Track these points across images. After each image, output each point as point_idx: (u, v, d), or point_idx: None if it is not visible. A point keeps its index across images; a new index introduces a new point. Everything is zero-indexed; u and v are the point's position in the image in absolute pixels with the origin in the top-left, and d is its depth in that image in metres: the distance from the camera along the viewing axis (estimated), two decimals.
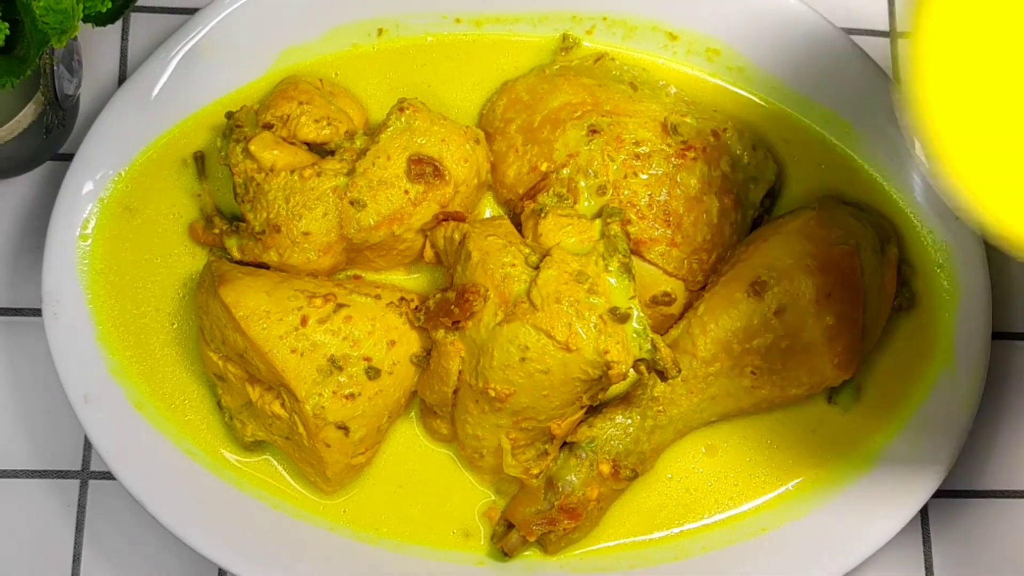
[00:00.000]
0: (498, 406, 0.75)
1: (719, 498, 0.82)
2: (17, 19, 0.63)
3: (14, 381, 0.84)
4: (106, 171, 0.82)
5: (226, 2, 0.84)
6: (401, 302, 0.79)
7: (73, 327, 0.80)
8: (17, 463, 0.83)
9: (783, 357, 0.79)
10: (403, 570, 0.79)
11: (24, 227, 0.87)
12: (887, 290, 0.82)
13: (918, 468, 0.82)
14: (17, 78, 0.65)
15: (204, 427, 0.81)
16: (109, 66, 0.90)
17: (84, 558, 0.82)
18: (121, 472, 0.77)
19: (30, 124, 0.79)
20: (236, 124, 0.81)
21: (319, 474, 0.78)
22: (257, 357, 0.75)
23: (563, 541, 0.79)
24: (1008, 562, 0.87)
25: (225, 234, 0.81)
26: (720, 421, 0.82)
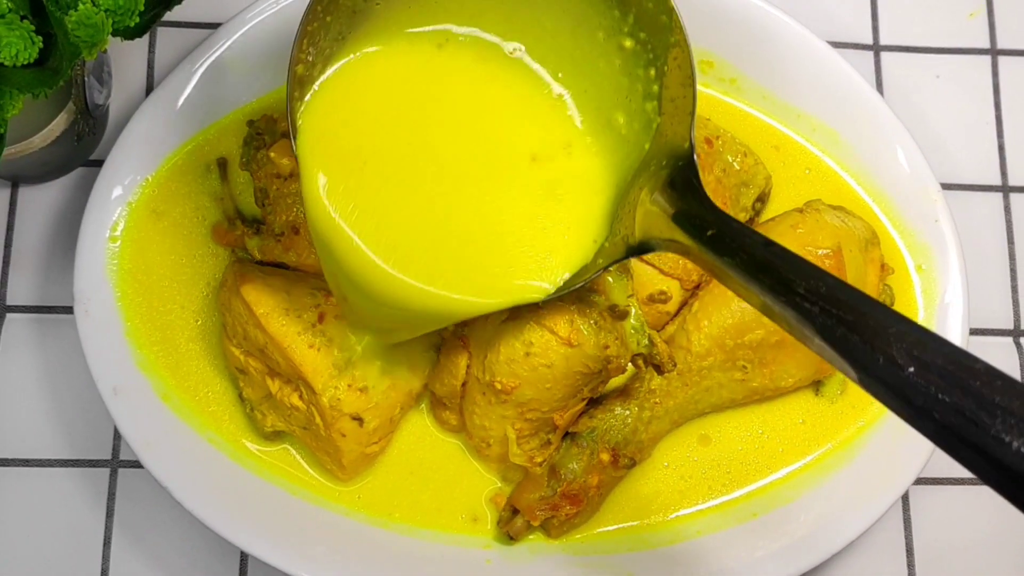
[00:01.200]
0: (504, 398, 0.75)
1: (712, 485, 0.82)
2: (50, 33, 0.63)
3: (47, 375, 0.84)
4: (134, 176, 0.82)
5: (247, 17, 0.84)
6: None
7: (103, 324, 0.79)
8: (51, 453, 0.83)
9: (773, 352, 0.79)
10: (414, 553, 0.79)
11: (57, 229, 0.86)
12: (870, 289, 0.82)
13: (900, 456, 0.81)
14: (50, 88, 0.65)
15: (226, 418, 0.80)
16: (137, 77, 0.90)
17: (114, 542, 0.82)
18: (148, 461, 0.77)
19: (62, 132, 0.79)
20: (257, 132, 0.80)
21: (335, 462, 0.78)
22: (277, 352, 0.75)
23: (565, 525, 0.79)
24: (982, 545, 0.87)
25: (246, 236, 0.81)
26: (713, 412, 0.82)
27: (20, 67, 0.62)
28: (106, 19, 0.64)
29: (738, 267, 0.59)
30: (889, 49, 0.95)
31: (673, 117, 0.68)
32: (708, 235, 0.62)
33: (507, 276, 0.69)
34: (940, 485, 0.87)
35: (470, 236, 0.70)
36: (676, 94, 0.68)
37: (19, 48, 0.61)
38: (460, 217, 0.70)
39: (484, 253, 0.70)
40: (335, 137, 0.70)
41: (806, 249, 0.79)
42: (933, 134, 0.93)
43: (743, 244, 0.60)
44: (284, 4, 0.84)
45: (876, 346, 0.50)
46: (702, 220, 0.63)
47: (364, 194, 0.69)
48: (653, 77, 0.69)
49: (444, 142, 0.71)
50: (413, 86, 0.72)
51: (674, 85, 0.68)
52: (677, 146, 0.68)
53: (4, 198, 0.87)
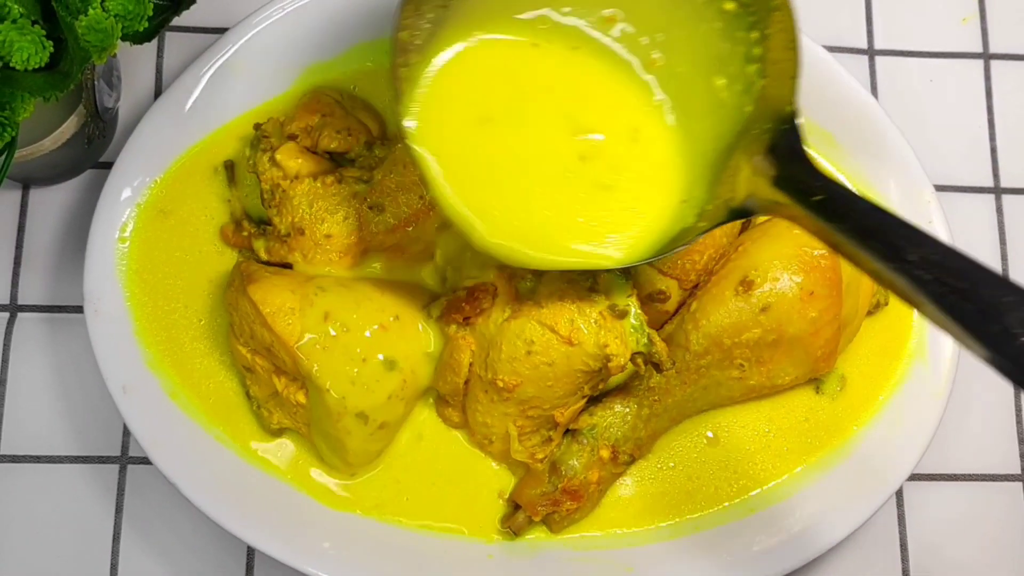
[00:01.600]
0: (506, 396, 0.75)
1: (719, 485, 0.82)
2: (61, 38, 0.63)
3: (58, 373, 0.84)
4: (143, 178, 0.82)
5: (254, 22, 0.84)
6: (417, 299, 0.79)
7: (112, 323, 0.79)
8: (61, 449, 0.83)
9: (770, 350, 0.79)
10: (417, 548, 0.79)
11: (67, 230, 0.86)
12: (864, 289, 0.82)
13: (894, 453, 0.81)
14: (61, 92, 0.65)
15: (234, 415, 0.80)
16: (146, 81, 0.90)
17: (123, 537, 0.82)
18: (157, 457, 0.77)
19: (73, 135, 0.79)
20: (263, 135, 0.80)
21: (340, 458, 0.78)
22: (282, 350, 0.75)
23: (566, 521, 0.79)
24: (974, 540, 0.87)
25: (253, 237, 0.81)
26: (712, 409, 0.82)
27: (31, 71, 0.62)
28: (116, 24, 0.64)
29: (846, 233, 0.58)
30: (884, 53, 0.95)
31: (776, 80, 0.67)
32: (815, 200, 0.61)
33: (591, 243, 0.71)
34: (933, 481, 0.87)
35: (562, 210, 0.71)
36: (779, 57, 0.67)
37: (30, 52, 0.61)
38: (554, 192, 0.71)
39: (573, 226, 0.71)
40: (446, 124, 0.71)
41: (802, 250, 0.79)
42: (927, 137, 0.93)
43: (851, 210, 0.59)
44: (290, 9, 0.84)
45: (990, 315, 0.50)
46: (808, 185, 0.62)
47: (474, 173, 0.71)
48: (755, 40, 0.69)
49: (542, 126, 0.72)
50: (514, 75, 0.73)
51: (777, 48, 0.67)
52: (780, 109, 0.67)
53: (15, 200, 0.87)
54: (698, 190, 0.71)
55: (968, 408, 0.88)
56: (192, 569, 0.82)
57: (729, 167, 0.69)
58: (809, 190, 0.62)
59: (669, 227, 0.71)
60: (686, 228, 0.70)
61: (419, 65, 0.71)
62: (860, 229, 0.58)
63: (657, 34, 0.71)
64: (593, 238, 0.71)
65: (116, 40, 0.64)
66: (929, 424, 0.82)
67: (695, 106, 0.72)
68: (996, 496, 0.88)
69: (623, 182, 0.72)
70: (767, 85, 0.68)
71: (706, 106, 0.71)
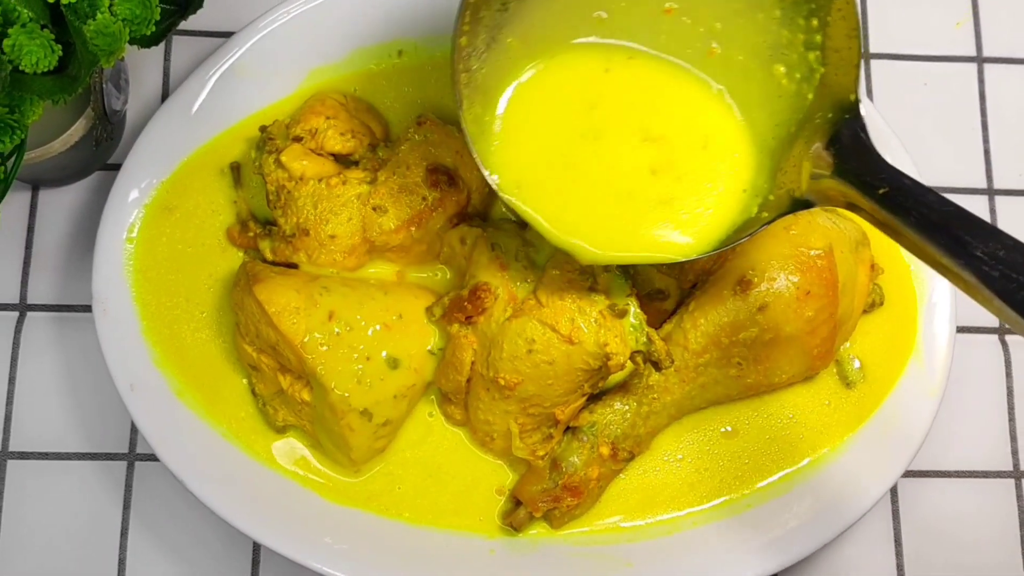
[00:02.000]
0: (507, 394, 0.75)
1: (725, 477, 0.82)
2: (69, 42, 0.63)
3: (67, 372, 0.84)
4: (150, 180, 0.82)
5: (259, 26, 0.84)
6: (420, 299, 0.79)
7: (120, 322, 0.79)
8: (70, 447, 0.83)
9: (767, 349, 0.79)
10: (420, 543, 0.79)
11: (76, 231, 0.86)
12: (860, 288, 0.82)
13: (889, 450, 0.81)
14: (69, 95, 0.65)
15: (239, 413, 0.80)
16: (153, 84, 0.90)
17: (131, 532, 0.82)
18: (164, 454, 0.77)
19: (81, 137, 0.79)
20: (269, 137, 0.80)
21: (344, 455, 0.78)
22: (288, 349, 0.75)
23: (566, 517, 0.79)
24: (968, 536, 0.87)
25: (259, 237, 0.81)
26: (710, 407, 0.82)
27: (40, 74, 0.62)
28: (123, 28, 0.64)
29: (912, 226, 0.57)
30: (879, 57, 0.95)
31: (837, 68, 0.66)
32: (880, 193, 0.60)
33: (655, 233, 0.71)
34: (927, 478, 0.87)
35: (630, 208, 0.72)
36: (840, 45, 0.66)
37: (39, 56, 0.61)
38: (624, 192, 0.72)
39: (638, 221, 0.71)
40: (526, 168, 0.72)
41: (798, 250, 0.79)
42: (921, 139, 0.93)
43: (917, 203, 0.58)
44: (295, 13, 0.84)
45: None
46: (873, 177, 0.61)
47: (551, 188, 0.71)
48: (816, 27, 0.67)
49: (616, 145, 0.72)
50: (581, 102, 0.73)
51: (838, 36, 0.66)
52: (843, 98, 0.66)
53: (25, 201, 0.87)
54: (761, 180, 0.70)
55: (962, 406, 0.88)
56: (199, 563, 0.82)
57: (792, 157, 0.68)
58: (874, 182, 0.61)
59: (735, 218, 0.71)
60: (750, 219, 0.69)
61: (485, 105, 0.72)
62: (926, 223, 0.57)
63: (715, 23, 0.70)
64: (668, 227, 0.71)
65: (124, 44, 0.64)
66: (923, 422, 0.82)
67: (755, 95, 0.71)
68: (988, 492, 0.88)
69: (689, 188, 0.72)
70: (828, 73, 0.67)
71: (766, 95, 0.70)
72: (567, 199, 0.71)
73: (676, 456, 0.82)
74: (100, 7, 0.63)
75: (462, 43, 0.68)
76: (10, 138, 0.63)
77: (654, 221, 0.71)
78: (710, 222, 0.71)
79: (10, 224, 0.86)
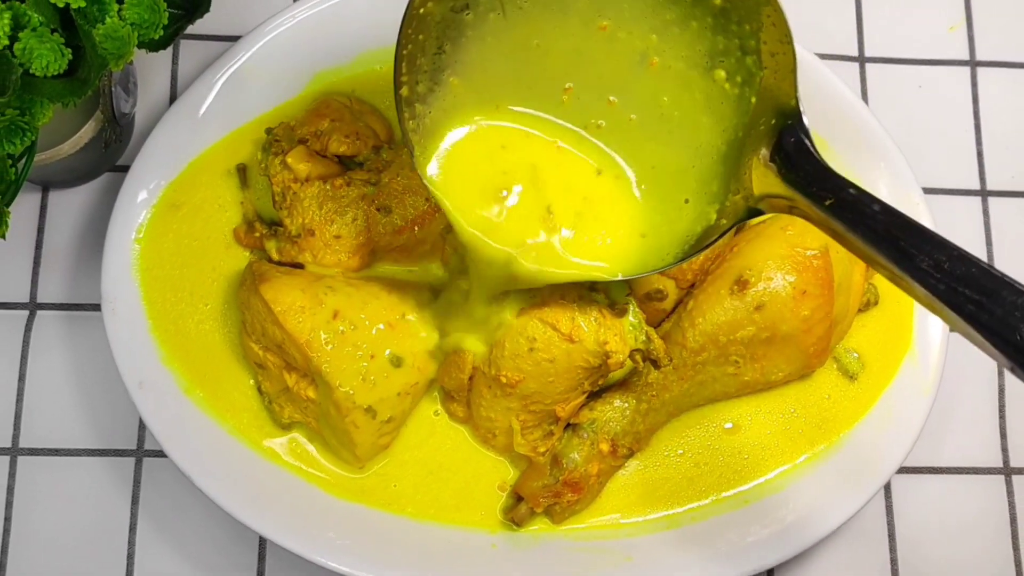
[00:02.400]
0: (509, 391, 0.75)
1: (724, 472, 0.82)
2: (79, 46, 0.63)
3: (76, 370, 0.84)
4: (158, 181, 0.82)
5: (265, 30, 0.84)
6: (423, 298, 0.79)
7: (129, 321, 0.79)
8: (80, 443, 0.83)
9: (764, 347, 0.79)
10: (422, 538, 0.79)
11: (85, 231, 0.86)
12: (856, 288, 0.82)
13: (884, 446, 0.81)
14: (79, 98, 0.65)
15: (246, 410, 0.80)
16: (161, 87, 0.90)
17: (139, 527, 0.82)
18: (172, 450, 0.77)
19: (90, 139, 0.79)
20: (275, 139, 0.80)
21: (349, 451, 0.78)
22: (293, 347, 0.75)
23: (567, 512, 0.79)
24: (960, 531, 0.86)
25: (265, 237, 0.81)
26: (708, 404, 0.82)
27: (50, 77, 0.62)
28: (132, 32, 0.64)
29: (860, 237, 0.57)
30: (874, 60, 0.95)
31: (776, 72, 0.66)
32: (826, 204, 0.59)
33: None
34: (921, 474, 0.87)
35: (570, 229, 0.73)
36: (776, 49, 0.66)
37: (50, 60, 0.61)
38: (563, 214, 0.73)
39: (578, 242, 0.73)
40: (459, 178, 0.73)
41: (795, 250, 0.79)
42: (915, 141, 0.93)
43: (863, 214, 0.57)
44: (301, 18, 0.84)
45: (1008, 324, 0.49)
46: (818, 187, 0.61)
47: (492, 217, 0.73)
48: (749, 32, 0.67)
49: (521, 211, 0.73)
50: (498, 162, 0.74)
51: (772, 40, 0.66)
52: (783, 104, 0.65)
53: (35, 202, 0.87)
54: (715, 185, 0.70)
55: (954, 404, 0.88)
56: (206, 558, 0.82)
57: (743, 164, 0.68)
58: (819, 192, 0.61)
59: (689, 229, 0.70)
60: (709, 227, 0.69)
61: (430, 136, 0.72)
62: (872, 234, 0.57)
63: (651, 36, 0.71)
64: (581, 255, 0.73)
65: (132, 48, 0.64)
66: (917, 419, 0.82)
67: (699, 102, 0.71)
68: (980, 488, 0.88)
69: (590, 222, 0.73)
70: (767, 76, 0.67)
71: (710, 100, 0.70)
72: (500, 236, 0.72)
73: (676, 452, 0.82)
74: (109, 12, 0.63)
75: (404, 93, 0.69)
76: (21, 140, 0.63)
77: (568, 252, 0.72)
78: (612, 248, 0.72)
79: (21, 224, 0.86)
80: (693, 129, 0.71)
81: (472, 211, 0.71)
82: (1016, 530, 0.87)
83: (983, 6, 0.98)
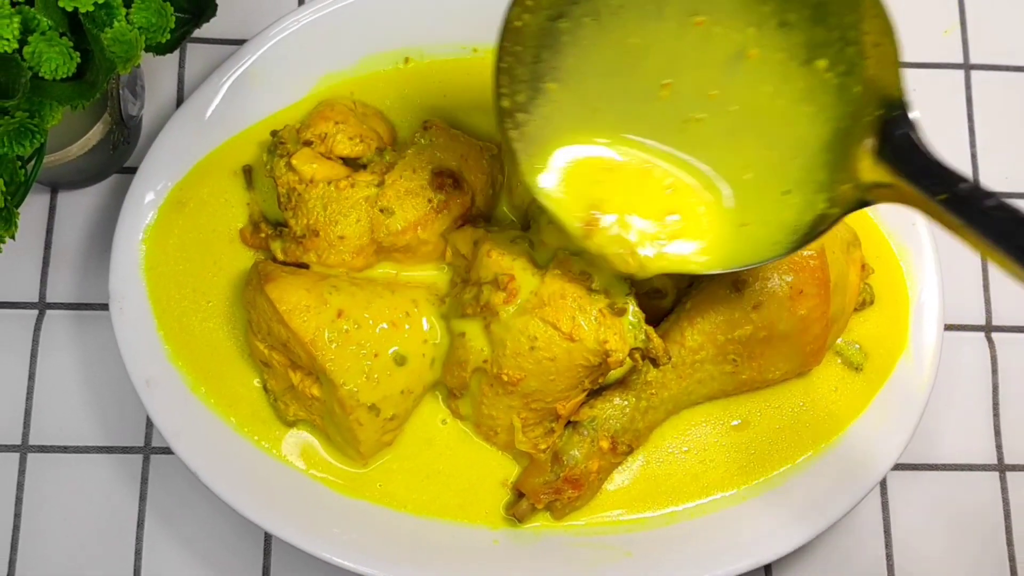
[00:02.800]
0: (511, 389, 0.75)
1: (729, 467, 0.81)
2: (87, 49, 0.63)
3: (84, 368, 0.84)
4: (165, 182, 0.82)
5: (271, 34, 0.83)
6: (425, 298, 0.79)
7: (136, 320, 0.79)
8: (88, 440, 0.83)
9: (761, 346, 0.79)
10: (426, 534, 0.79)
11: (93, 232, 0.86)
12: (851, 288, 0.82)
13: (879, 444, 0.81)
14: (87, 101, 0.65)
15: (252, 407, 0.80)
16: (168, 90, 0.90)
17: (147, 523, 0.82)
18: (179, 448, 0.77)
19: (99, 141, 0.79)
20: (280, 141, 0.80)
21: (353, 448, 0.78)
22: (298, 346, 0.75)
23: (568, 508, 0.79)
24: (955, 525, 0.86)
25: (270, 238, 0.81)
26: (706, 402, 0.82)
27: (59, 80, 0.62)
28: (139, 36, 0.64)
29: (976, 232, 0.57)
30: None
31: (879, 62, 0.64)
32: (939, 199, 0.59)
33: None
34: (916, 471, 0.87)
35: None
36: (879, 40, 0.64)
37: (58, 63, 0.61)
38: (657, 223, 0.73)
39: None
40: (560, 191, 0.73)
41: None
42: None
43: (977, 209, 0.57)
44: (305, 22, 0.84)
45: None
46: (930, 181, 0.60)
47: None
48: (850, 23, 0.65)
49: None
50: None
51: (874, 31, 0.64)
52: (888, 95, 0.64)
53: (44, 203, 0.87)
54: (822, 175, 0.68)
55: (949, 402, 0.88)
56: (212, 553, 0.82)
57: (850, 153, 0.66)
58: (931, 187, 0.60)
59: (795, 219, 0.69)
60: (819, 215, 0.68)
61: (538, 155, 0.72)
62: (987, 231, 0.56)
63: (748, 28, 0.69)
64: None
65: (140, 51, 0.64)
66: (913, 417, 0.81)
67: (799, 89, 0.69)
68: (974, 485, 0.88)
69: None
70: (870, 66, 0.65)
71: (811, 90, 0.68)
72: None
73: (682, 448, 0.82)
74: (117, 16, 0.63)
75: (505, 105, 0.69)
76: (30, 142, 0.63)
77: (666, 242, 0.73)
78: (710, 241, 0.72)
79: (30, 225, 0.86)
80: (795, 118, 0.70)
81: (572, 222, 0.72)
82: (1010, 526, 0.87)
83: (977, 11, 0.98)
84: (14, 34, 0.59)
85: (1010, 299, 0.91)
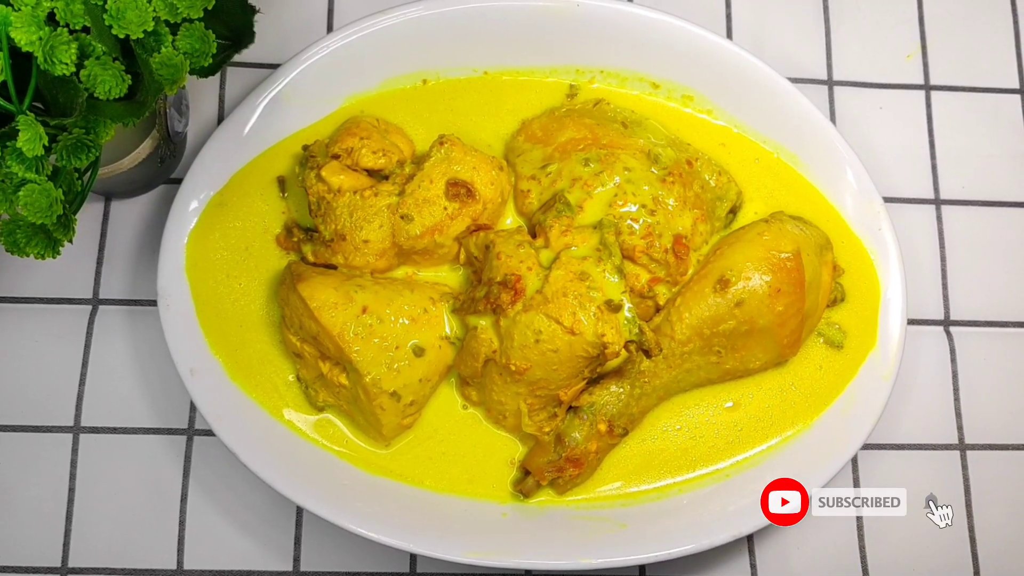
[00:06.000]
0: (518, 378, 0.74)
1: (716, 443, 0.81)
2: (138, 72, 0.63)
3: (135, 358, 0.84)
4: (208, 192, 0.82)
5: (302, 59, 0.83)
6: (441, 296, 0.78)
7: (182, 315, 0.79)
8: (138, 422, 0.83)
9: (743, 339, 0.78)
10: (441, 508, 0.78)
11: (142, 236, 0.86)
12: (824, 286, 0.82)
13: (850, 425, 0.81)
14: (138, 119, 0.65)
15: (285, 394, 0.80)
16: (210, 109, 0.89)
17: (190, 497, 0.82)
18: (220, 430, 0.76)
19: (147, 155, 0.79)
20: (311, 155, 0.80)
21: (376, 431, 0.77)
22: (327, 339, 0.74)
23: (569, 484, 0.78)
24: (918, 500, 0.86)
25: (302, 242, 0.81)
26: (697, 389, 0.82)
27: (112, 101, 0.62)
28: (184, 61, 0.64)
29: None
30: (840, 84, 0.94)
31: None
32: None
33: None
34: (883, 450, 0.87)
35: None
36: None
37: (112, 85, 0.61)
38: None
39: None
40: None
41: (771, 252, 0.78)
42: (877, 156, 0.92)
43: None
44: (333, 48, 0.84)
45: None
46: None
47: None
48: None
49: None
50: None
51: None
52: None
53: (98, 210, 0.87)
54: None
55: (912, 388, 0.88)
56: (249, 525, 0.82)
57: None
58: None
59: None
60: None
61: None
62: None
63: None
64: None
65: (185, 74, 0.64)
66: (879, 401, 0.81)
67: None
68: (936, 462, 0.87)
69: None
70: None
71: None
72: None
73: (675, 427, 0.82)
74: (164, 42, 0.63)
75: None
76: (86, 156, 0.63)
77: None
78: None
79: (85, 230, 0.86)
80: None
81: None
82: (970, 500, 0.86)
83: (937, 37, 0.97)
84: (72, 59, 0.59)
85: (967, 297, 0.91)
